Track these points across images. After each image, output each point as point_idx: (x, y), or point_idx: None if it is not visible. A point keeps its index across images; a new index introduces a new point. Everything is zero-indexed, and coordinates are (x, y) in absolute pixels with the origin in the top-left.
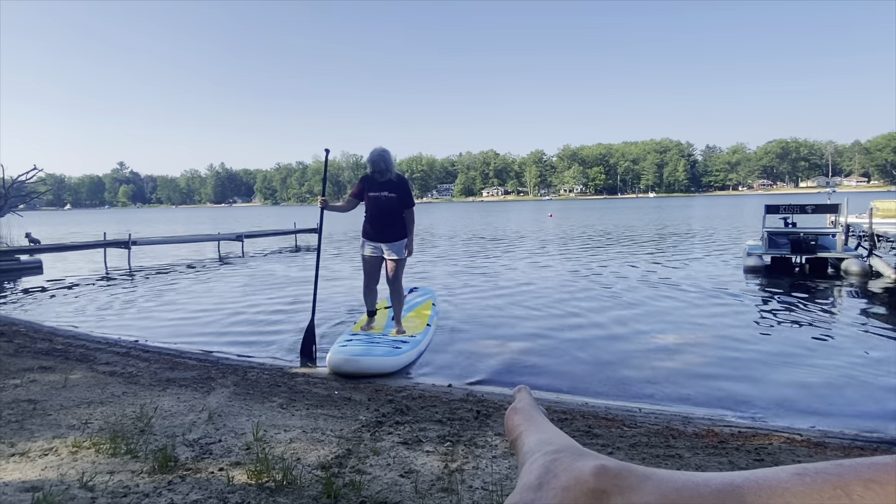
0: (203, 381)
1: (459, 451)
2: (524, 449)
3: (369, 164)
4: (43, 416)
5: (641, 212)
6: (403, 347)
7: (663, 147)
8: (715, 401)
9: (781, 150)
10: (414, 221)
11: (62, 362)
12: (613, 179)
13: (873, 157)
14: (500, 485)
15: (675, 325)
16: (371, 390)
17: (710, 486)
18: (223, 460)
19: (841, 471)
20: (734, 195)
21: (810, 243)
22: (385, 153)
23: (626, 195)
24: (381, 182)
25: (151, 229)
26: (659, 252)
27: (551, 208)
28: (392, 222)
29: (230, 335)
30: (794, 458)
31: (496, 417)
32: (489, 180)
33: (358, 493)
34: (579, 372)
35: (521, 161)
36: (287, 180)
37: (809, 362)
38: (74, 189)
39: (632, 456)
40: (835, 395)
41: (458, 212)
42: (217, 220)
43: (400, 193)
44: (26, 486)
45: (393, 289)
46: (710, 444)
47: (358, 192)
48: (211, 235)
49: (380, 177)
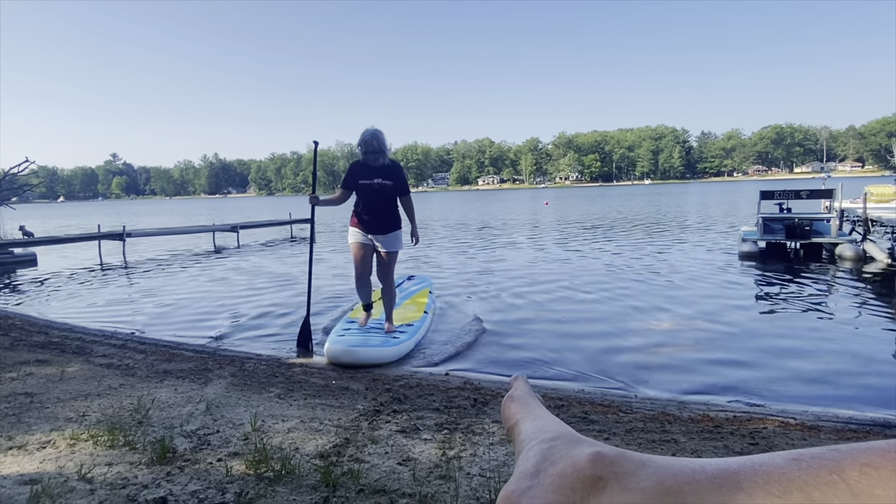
0: (200, 372)
1: (457, 439)
2: (521, 437)
3: (361, 146)
4: (40, 409)
5: (637, 199)
6: (401, 337)
7: (659, 134)
8: (710, 386)
9: (776, 136)
10: (413, 207)
11: (58, 355)
12: (609, 167)
13: (868, 142)
14: (497, 472)
15: (670, 312)
16: (368, 379)
17: (707, 472)
18: (221, 451)
19: (837, 456)
20: (729, 181)
21: (805, 229)
22: (378, 133)
23: (621, 182)
24: (374, 168)
25: (146, 222)
26: (654, 239)
27: (547, 196)
28: (386, 212)
29: (227, 326)
30: (789, 442)
31: (493, 405)
32: (485, 169)
33: (356, 481)
34: (575, 359)
35: (517, 149)
36: (282, 170)
37: (803, 347)
38: (67, 181)
39: (628, 441)
40: (828, 380)
41: (454, 201)
42: (212, 211)
43: (395, 180)
44: (25, 479)
45: (385, 285)
46: (706, 429)
47: (349, 181)
48: (206, 227)
49: (373, 160)
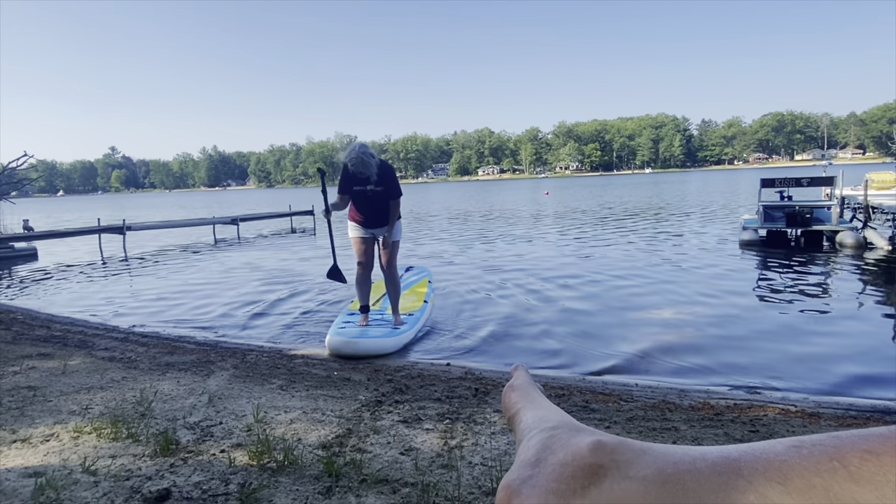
0: (202, 364)
1: (458, 429)
2: (521, 426)
3: (349, 164)
4: (43, 403)
5: (638, 188)
6: (401, 328)
7: (659, 122)
8: (710, 374)
9: (777, 123)
10: (398, 212)
11: (61, 349)
12: (609, 156)
13: (869, 129)
14: (499, 460)
15: (671, 300)
16: (370, 370)
17: (707, 460)
18: (224, 442)
19: (837, 442)
20: (730, 169)
21: (805, 216)
22: (364, 153)
23: (621, 171)
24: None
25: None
26: (655, 227)
27: (547, 186)
28: (383, 212)
29: (228, 318)
30: (789, 429)
31: (494, 395)
32: (485, 159)
33: (359, 471)
34: (576, 348)
35: (517, 139)
36: (281, 162)
37: (803, 334)
38: (66, 175)
39: (629, 430)
40: (829, 367)
41: (454, 191)
42: (213, 204)
43: (386, 185)
44: (29, 472)
45: (388, 275)
46: (706, 417)
47: (344, 186)
48: (206, 219)
49: (363, 175)
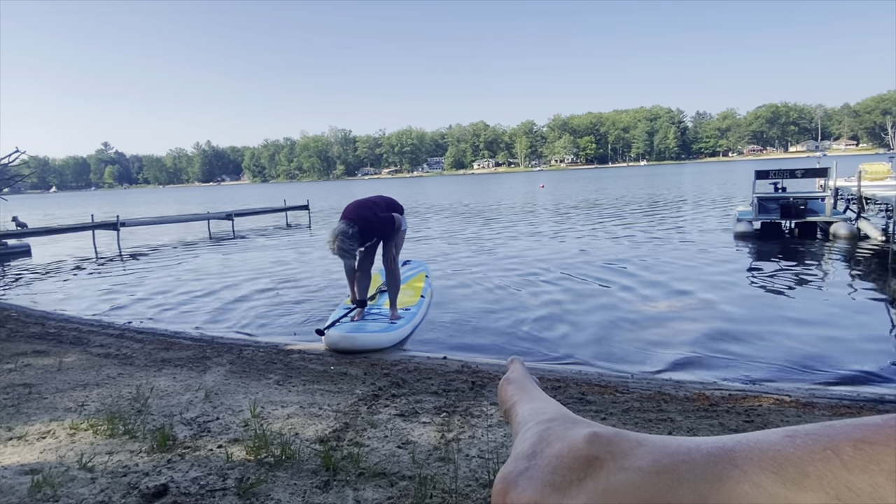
0: (198, 360)
1: (455, 422)
2: (518, 419)
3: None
4: (39, 400)
5: (633, 180)
6: (398, 322)
7: (653, 114)
8: (705, 365)
9: (771, 115)
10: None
11: (56, 346)
12: (604, 148)
13: (862, 120)
14: (495, 453)
15: (666, 292)
16: (367, 364)
17: (702, 451)
18: (221, 437)
19: (831, 432)
20: (724, 161)
21: (800, 208)
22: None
23: (617, 164)
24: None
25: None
26: (650, 220)
27: (543, 179)
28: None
29: (223, 314)
30: (784, 419)
31: (490, 388)
32: (480, 152)
33: (356, 465)
34: (572, 340)
35: (512, 132)
36: (276, 157)
37: (797, 325)
38: (59, 171)
39: (625, 421)
40: (822, 357)
41: (449, 185)
42: (209, 201)
43: (378, 234)
44: (25, 469)
45: (388, 269)
46: (701, 408)
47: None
48: (200, 215)
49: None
